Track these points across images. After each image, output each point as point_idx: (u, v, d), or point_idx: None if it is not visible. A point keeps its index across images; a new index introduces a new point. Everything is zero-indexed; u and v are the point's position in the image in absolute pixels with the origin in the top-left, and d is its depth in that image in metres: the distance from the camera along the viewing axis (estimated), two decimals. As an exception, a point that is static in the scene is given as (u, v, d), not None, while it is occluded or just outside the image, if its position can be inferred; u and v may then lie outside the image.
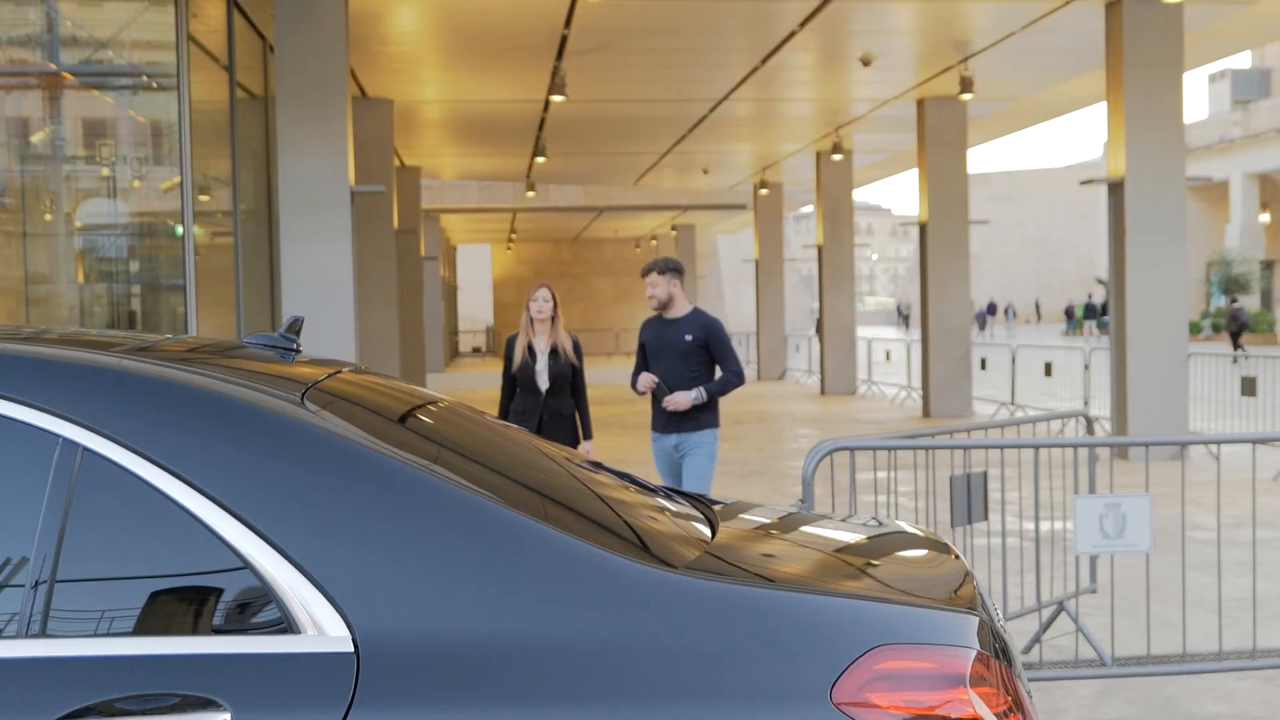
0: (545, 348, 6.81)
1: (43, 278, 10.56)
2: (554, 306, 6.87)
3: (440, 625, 1.82)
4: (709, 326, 6.56)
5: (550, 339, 6.82)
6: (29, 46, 10.47)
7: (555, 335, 6.82)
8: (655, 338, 6.65)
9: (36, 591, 1.83)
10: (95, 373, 2.03)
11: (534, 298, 6.88)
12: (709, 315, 6.66)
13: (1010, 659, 2.11)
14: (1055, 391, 18.82)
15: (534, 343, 6.81)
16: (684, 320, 6.60)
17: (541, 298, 6.87)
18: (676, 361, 6.48)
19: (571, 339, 6.88)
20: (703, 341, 6.50)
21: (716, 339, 6.55)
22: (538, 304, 6.83)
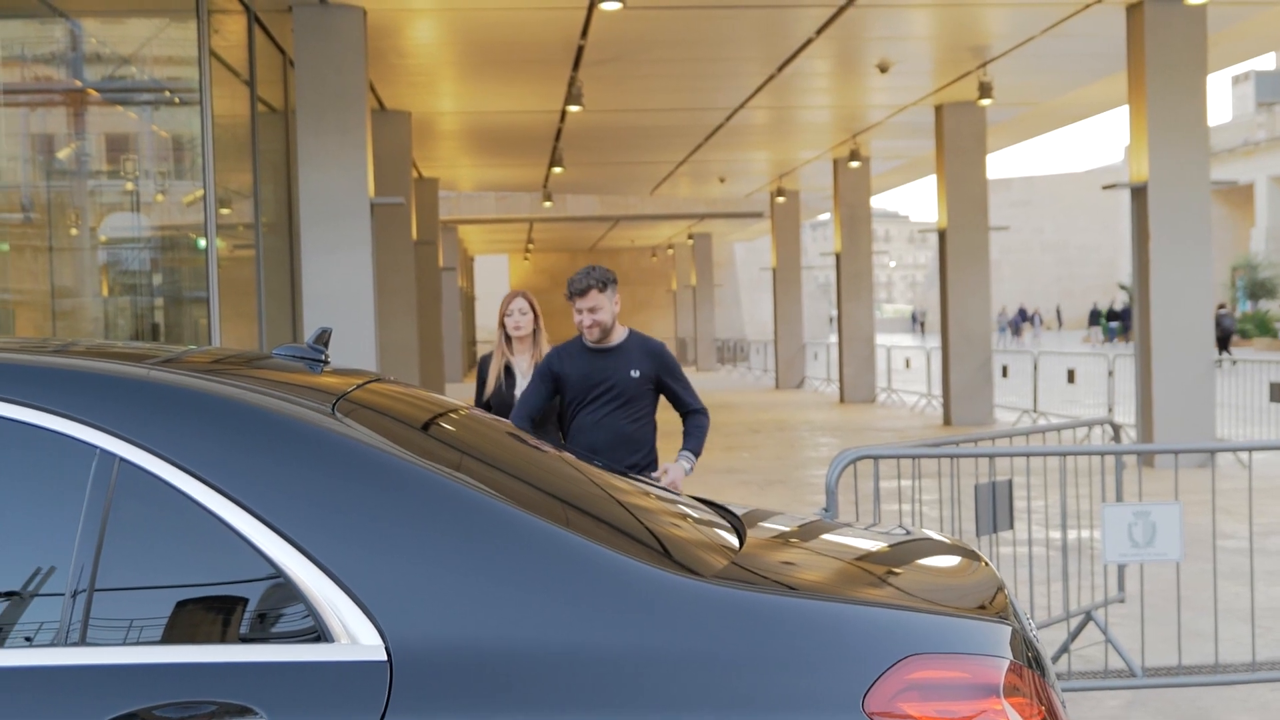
0: (526, 369, 5.58)
1: (68, 291, 10.63)
2: (535, 319, 5.65)
3: (472, 634, 1.82)
4: (658, 356, 5.08)
5: (532, 358, 5.59)
6: (54, 63, 10.55)
7: (538, 353, 5.58)
8: (584, 375, 4.99)
9: (76, 600, 1.85)
10: (132, 385, 2.05)
11: (509, 310, 5.63)
12: (650, 339, 5.16)
13: (1043, 668, 2.09)
14: (1078, 398, 18.72)
15: (512, 363, 5.64)
16: (624, 350, 5.02)
17: (518, 309, 5.62)
18: (617, 407, 4.96)
19: (653, 348, 5.28)
20: (652, 377, 5.03)
21: (671, 372, 5.09)
22: (514, 317, 5.60)
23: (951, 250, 17.41)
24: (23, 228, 10.21)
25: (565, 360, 5.04)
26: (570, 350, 5.07)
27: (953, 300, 17.50)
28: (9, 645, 1.86)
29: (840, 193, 22.38)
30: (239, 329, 10.85)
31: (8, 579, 1.92)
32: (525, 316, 5.61)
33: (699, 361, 38.42)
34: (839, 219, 22.56)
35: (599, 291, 4.91)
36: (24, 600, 1.91)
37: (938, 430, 16.97)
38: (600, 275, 4.96)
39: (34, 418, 1.95)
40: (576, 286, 4.94)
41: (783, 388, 26.86)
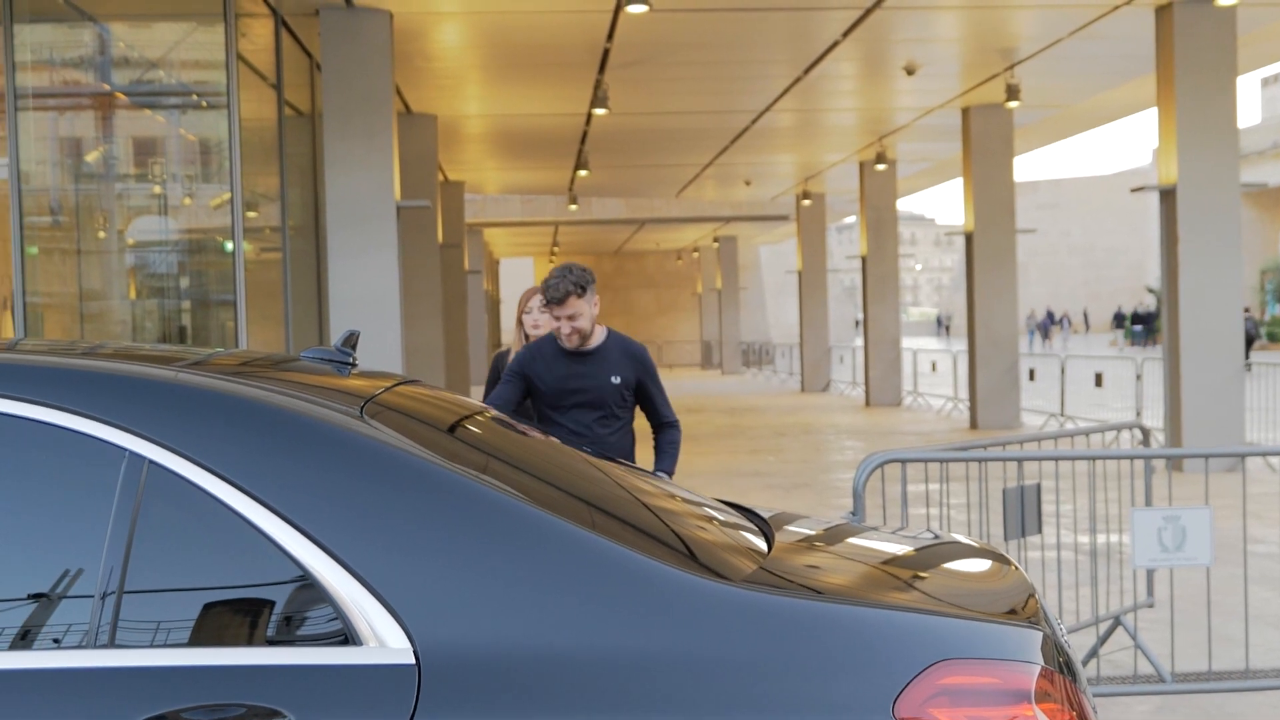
0: None
1: (96, 294, 10.71)
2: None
3: (500, 637, 1.82)
4: (640, 360, 4.73)
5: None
6: (83, 68, 10.63)
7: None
8: (560, 380, 4.61)
9: (105, 602, 1.86)
10: (160, 387, 2.05)
11: (528, 307, 5.19)
12: (632, 342, 4.80)
13: (1075, 674, 2.08)
14: (1105, 402, 18.60)
15: None
16: (603, 354, 4.64)
17: (537, 306, 5.14)
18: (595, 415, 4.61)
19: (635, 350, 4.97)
20: (633, 383, 4.68)
21: (652, 377, 4.76)
22: (533, 315, 5.15)
23: (978, 253, 17.33)
24: (51, 231, 10.29)
25: (539, 362, 4.64)
26: (544, 352, 4.66)
27: (979, 303, 17.42)
28: (39, 647, 1.87)
29: (866, 196, 22.31)
30: (265, 332, 10.90)
31: (38, 581, 1.93)
32: (545, 315, 5.08)
33: (724, 365, 38.37)
34: (865, 222, 22.49)
35: (578, 297, 4.50)
36: (53, 602, 1.92)
37: (964, 434, 16.89)
38: (578, 278, 4.53)
39: (64, 420, 1.95)
40: (554, 294, 4.49)
41: (808, 391, 26.79)
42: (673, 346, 44.07)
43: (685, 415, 4.99)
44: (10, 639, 1.88)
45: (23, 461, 1.98)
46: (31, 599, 1.91)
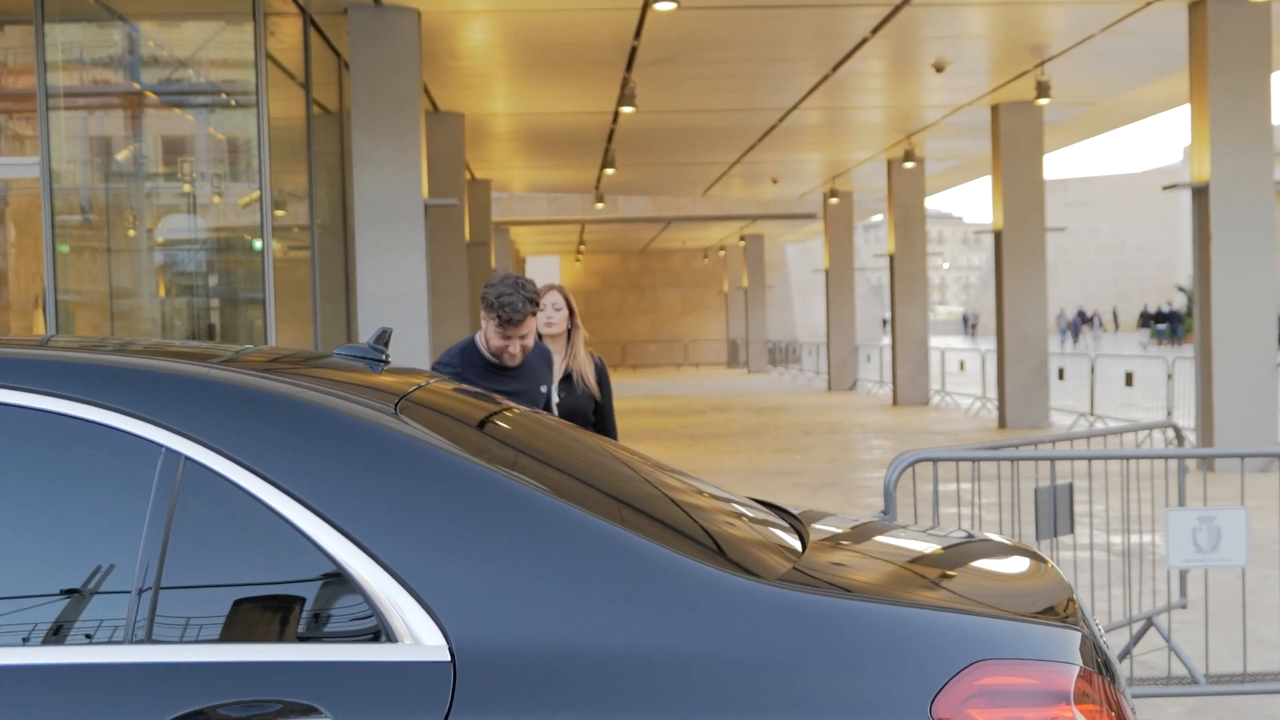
0: (556, 373, 4.95)
1: (126, 292, 10.78)
2: (569, 316, 5.00)
3: (535, 635, 1.82)
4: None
5: (564, 361, 4.97)
6: (113, 67, 10.70)
7: (572, 356, 4.98)
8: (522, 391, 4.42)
9: (141, 598, 1.86)
10: (197, 384, 2.05)
11: (541, 306, 4.88)
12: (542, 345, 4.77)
13: (1113, 674, 2.06)
14: (1136, 402, 18.46)
15: None
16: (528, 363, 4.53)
17: (551, 304, 4.97)
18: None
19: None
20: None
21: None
22: (546, 314, 4.94)
23: (1007, 252, 17.23)
24: (81, 229, 10.36)
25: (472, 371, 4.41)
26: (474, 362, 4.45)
27: (1008, 302, 17.32)
28: (77, 642, 1.87)
29: (894, 194, 22.23)
30: (294, 330, 10.94)
31: (75, 576, 1.94)
32: (559, 313, 4.97)
33: (750, 364, 38.32)
34: (893, 220, 22.40)
35: (532, 315, 4.31)
36: (91, 597, 1.92)
37: (993, 433, 16.80)
38: (530, 294, 4.31)
39: (101, 416, 1.96)
40: (517, 316, 4.24)
41: (835, 390, 26.71)
42: (699, 345, 44.03)
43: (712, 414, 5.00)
44: (49, 634, 1.88)
45: (60, 457, 1.99)
46: (69, 594, 1.92)
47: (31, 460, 1.99)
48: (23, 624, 1.89)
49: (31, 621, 1.89)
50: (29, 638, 1.87)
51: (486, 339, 4.42)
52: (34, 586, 1.94)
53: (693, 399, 25.21)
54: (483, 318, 4.40)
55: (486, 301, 4.34)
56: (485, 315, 4.36)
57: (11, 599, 1.92)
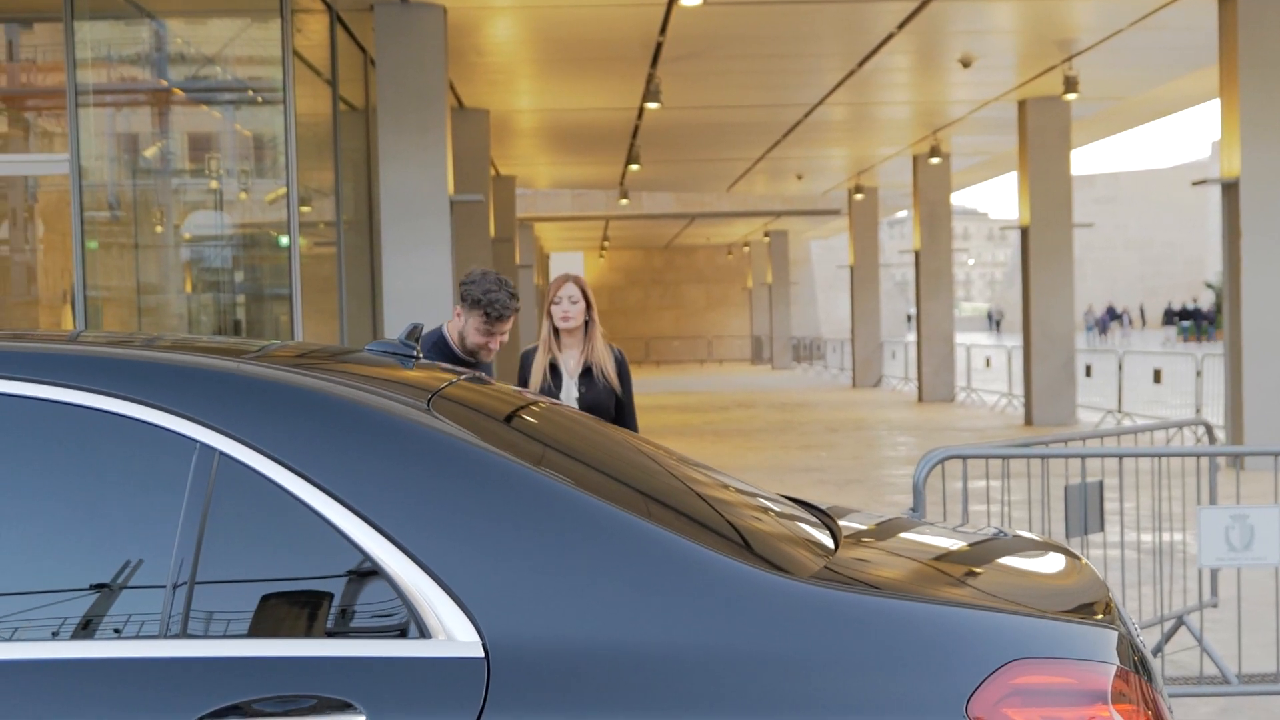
0: (575, 368, 4.85)
1: (153, 288, 10.84)
2: (586, 308, 4.87)
3: (569, 632, 1.81)
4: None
5: (583, 355, 4.86)
6: (140, 63, 10.75)
7: (590, 350, 4.86)
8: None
9: (176, 593, 1.86)
10: (231, 380, 2.06)
11: (557, 297, 4.86)
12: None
13: (1150, 673, 2.04)
14: (1164, 399, 18.33)
15: (558, 360, 4.87)
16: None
17: (568, 297, 4.85)
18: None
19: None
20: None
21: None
22: (562, 306, 4.83)
23: (1034, 248, 17.14)
24: (109, 225, 10.42)
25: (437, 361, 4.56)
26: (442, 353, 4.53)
27: (1035, 299, 17.23)
28: (112, 637, 1.88)
29: (920, 189, 22.13)
30: (320, 326, 10.98)
31: (110, 571, 1.94)
32: (576, 306, 4.83)
33: (774, 360, 38.26)
34: (918, 216, 22.31)
35: (516, 313, 4.48)
36: (126, 592, 1.93)
37: (1019, 430, 16.72)
38: (514, 290, 4.50)
39: (136, 411, 1.96)
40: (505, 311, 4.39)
41: (860, 386, 26.64)
42: (723, 341, 43.99)
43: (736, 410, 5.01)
44: (84, 628, 1.89)
45: (96, 452, 1.99)
46: (104, 589, 1.92)
47: (67, 455, 2.00)
48: (59, 618, 1.90)
49: (67, 616, 1.90)
50: (65, 632, 1.88)
51: (462, 334, 4.51)
52: (69, 581, 1.94)
53: (717, 395, 25.18)
54: (461, 313, 4.49)
55: (472, 298, 4.41)
56: (468, 311, 4.45)
57: (47, 593, 1.93)
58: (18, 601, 1.92)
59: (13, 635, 1.87)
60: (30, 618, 1.90)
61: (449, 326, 4.62)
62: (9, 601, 1.92)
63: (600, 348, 4.83)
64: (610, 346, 4.86)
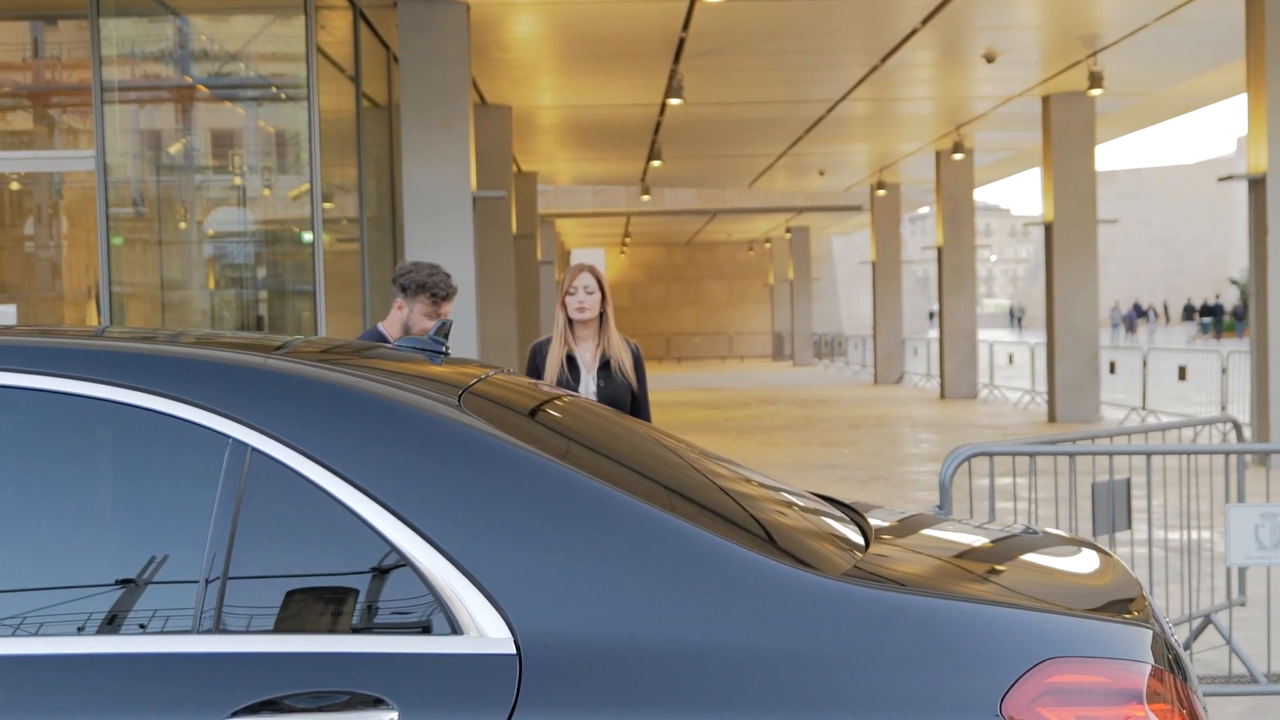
0: (593, 361, 4.72)
1: (176, 284, 10.89)
2: (601, 299, 4.73)
3: (601, 629, 1.81)
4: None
5: (599, 348, 4.74)
6: (165, 61, 10.80)
7: (606, 342, 4.74)
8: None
9: (209, 588, 1.86)
10: (263, 375, 2.06)
11: (572, 288, 4.71)
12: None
13: (1185, 672, 2.02)
14: (1188, 396, 18.21)
15: (574, 352, 4.73)
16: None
17: (583, 287, 4.70)
18: None
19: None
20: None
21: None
22: (577, 297, 4.69)
23: (1058, 244, 17.06)
24: (134, 222, 10.47)
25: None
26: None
27: (1059, 295, 17.14)
28: (145, 631, 1.88)
29: (943, 186, 22.05)
30: (343, 321, 11.01)
31: (143, 566, 1.95)
32: (592, 296, 4.69)
33: (795, 356, 38.17)
34: (941, 212, 22.22)
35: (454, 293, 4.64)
36: (159, 588, 1.93)
37: (1043, 427, 16.63)
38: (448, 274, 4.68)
39: (169, 407, 1.96)
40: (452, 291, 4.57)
41: (881, 383, 26.56)
42: (744, 338, 43.92)
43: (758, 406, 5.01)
44: (117, 624, 1.90)
45: (128, 448, 2.00)
46: (137, 584, 1.93)
47: (99, 451, 2.01)
48: (92, 613, 1.90)
49: (101, 610, 1.91)
50: (99, 627, 1.89)
51: (406, 325, 4.57)
52: (103, 576, 1.95)
53: (738, 391, 25.14)
54: (402, 305, 4.56)
55: (415, 284, 4.53)
56: (410, 299, 4.54)
57: (81, 588, 1.94)
58: (51, 596, 1.93)
59: (47, 630, 1.88)
60: (64, 612, 1.91)
61: (385, 324, 4.66)
62: (43, 596, 1.93)
63: (616, 340, 4.72)
64: (626, 341, 4.78)
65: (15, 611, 1.90)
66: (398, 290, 4.59)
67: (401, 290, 4.57)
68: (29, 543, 1.98)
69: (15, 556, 1.96)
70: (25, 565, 1.96)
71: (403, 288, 4.57)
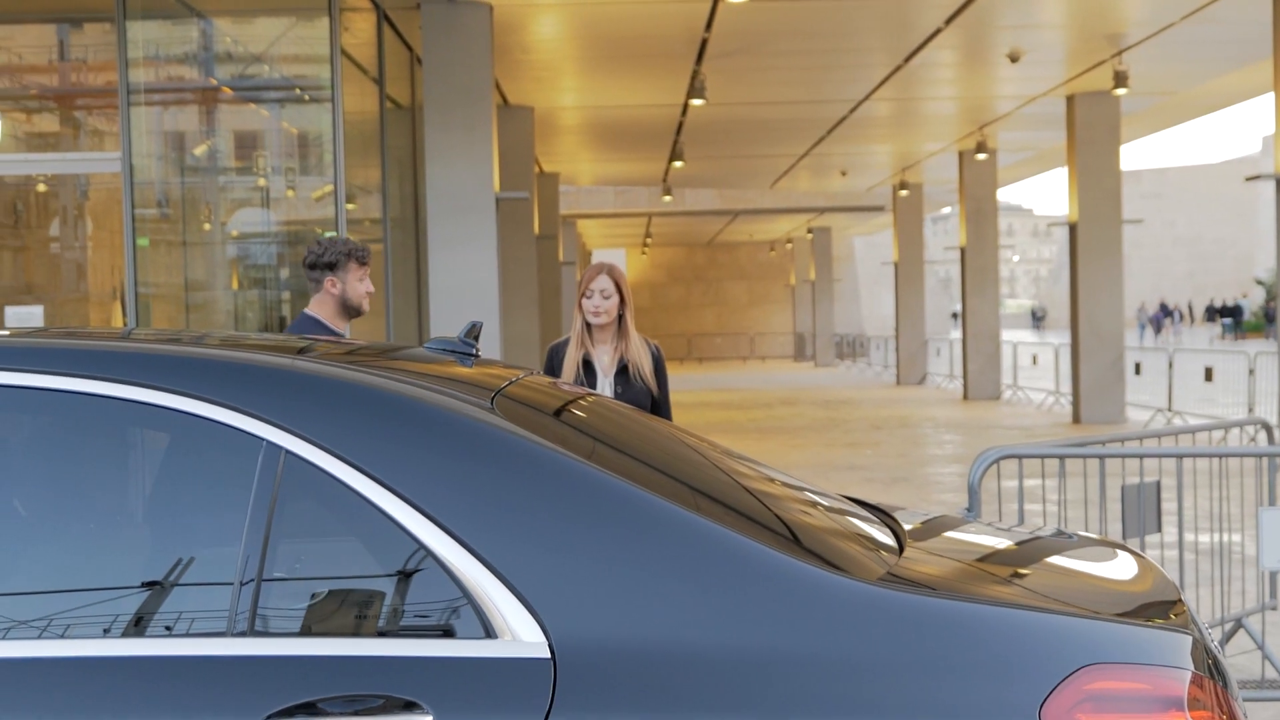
0: (610, 365, 4.54)
1: (200, 285, 10.93)
2: (620, 303, 4.55)
3: (635, 632, 1.79)
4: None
5: (617, 351, 4.56)
6: (190, 63, 10.84)
7: (625, 346, 4.55)
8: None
9: (243, 591, 1.86)
10: (296, 378, 2.06)
11: (589, 290, 4.54)
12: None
13: (1225, 678, 1.99)
14: (1215, 397, 18.07)
15: (591, 356, 4.55)
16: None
17: (600, 290, 4.52)
18: None
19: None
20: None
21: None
22: (594, 300, 4.52)
23: (1082, 244, 16.96)
24: (158, 223, 10.52)
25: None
26: (326, 333, 4.53)
27: (1083, 295, 17.04)
28: (179, 634, 1.88)
29: (966, 186, 21.96)
30: (365, 323, 11.03)
31: (178, 569, 1.95)
32: (609, 300, 4.51)
33: (817, 357, 38.08)
34: (964, 212, 22.14)
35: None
36: (193, 590, 1.93)
37: (1067, 429, 16.54)
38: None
39: (204, 410, 1.96)
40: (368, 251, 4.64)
41: (904, 384, 26.47)
42: (765, 338, 43.85)
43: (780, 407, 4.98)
44: (152, 626, 1.89)
45: (163, 450, 2.00)
46: (172, 586, 1.93)
47: (135, 453, 2.01)
48: (127, 615, 1.90)
49: (135, 613, 1.90)
50: (134, 629, 1.88)
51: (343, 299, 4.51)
52: (137, 578, 1.95)
53: (760, 392, 25.09)
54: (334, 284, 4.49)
55: (340, 254, 4.48)
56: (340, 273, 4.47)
57: (115, 589, 1.94)
58: (86, 597, 1.93)
59: (82, 632, 1.88)
60: (98, 614, 1.91)
61: (316, 309, 4.56)
62: (78, 598, 1.93)
63: (635, 344, 4.53)
64: (646, 342, 4.59)
65: (51, 613, 1.90)
66: (323, 271, 4.51)
67: (330, 269, 4.50)
68: (64, 545, 1.98)
69: (51, 558, 1.96)
70: (61, 567, 1.96)
71: (329, 265, 4.50)
